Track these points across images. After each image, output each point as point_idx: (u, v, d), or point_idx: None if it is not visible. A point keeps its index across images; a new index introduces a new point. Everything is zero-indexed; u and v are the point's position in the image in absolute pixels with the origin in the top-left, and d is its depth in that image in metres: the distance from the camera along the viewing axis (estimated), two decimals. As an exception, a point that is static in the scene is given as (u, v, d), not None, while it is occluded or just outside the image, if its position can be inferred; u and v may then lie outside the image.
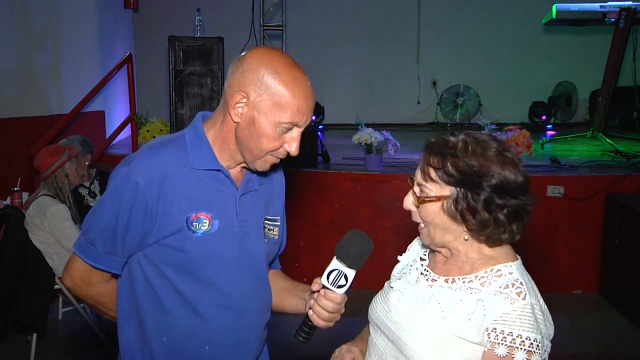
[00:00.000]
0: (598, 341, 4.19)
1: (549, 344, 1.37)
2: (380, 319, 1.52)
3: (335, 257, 1.47)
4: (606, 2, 6.48)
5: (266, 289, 1.70)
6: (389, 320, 1.49)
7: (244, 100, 1.48)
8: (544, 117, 8.04)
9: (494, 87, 8.45)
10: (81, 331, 4.22)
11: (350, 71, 8.55)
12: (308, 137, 5.27)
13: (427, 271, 1.51)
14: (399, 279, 1.56)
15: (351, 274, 1.46)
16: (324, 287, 1.48)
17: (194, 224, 1.52)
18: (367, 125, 5.14)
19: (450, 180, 1.37)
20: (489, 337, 1.34)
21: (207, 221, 1.53)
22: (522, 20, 8.36)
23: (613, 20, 6.45)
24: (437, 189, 1.39)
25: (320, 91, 8.25)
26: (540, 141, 6.37)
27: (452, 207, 1.38)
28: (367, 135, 4.99)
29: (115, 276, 1.63)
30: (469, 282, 1.41)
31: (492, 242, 1.42)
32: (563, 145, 6.49)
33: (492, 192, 1.36)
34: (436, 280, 1.47)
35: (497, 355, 1.32)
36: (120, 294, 1.62)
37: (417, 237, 1.66)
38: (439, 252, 1.49)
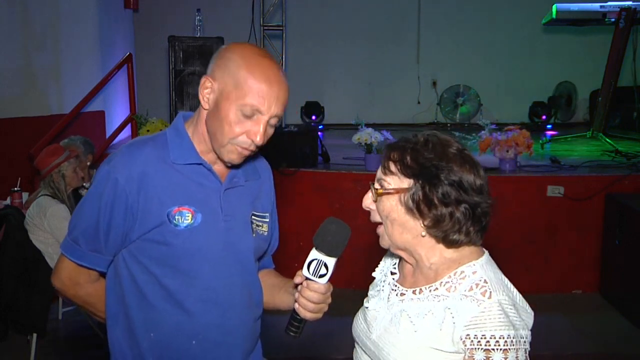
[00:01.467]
0: (598, 341, 4.18)
1: (528, 333, 1.34)
2: (361, 339, 1.52)
3: (314, 247, 1.47)
4: (606, 2, 6.48)
5: (255, 283, 1.70)
6: (369, 340, 1.49)
7: (209, 84, 1.51)
8: (544, 117, 8.04)
9: (494, 87, 8.44)
10: (81, 331, 4.22)
11: (350, 71, 8.54)
12: (308, 137, 5.26)
13: (396, 286, 1.50)
14: (373, 297, 1.55)
15: (331, 262, 1.46)
16: (306, 278, 1.47)
17: (177, 217, 1.53)
18: (367, 125, 5.14)
19: (408, 172, 1.38)
20: (465, 345, 1.31)
21: (190, 215, 1.54)
22: (522, 20, 8.36)
23: (613, 20, 6.45)
24: (396, 181, 1.39)
25: (320, 91, 8.26)
26: (540, 141, 6.37)
27: (410, 200, 1.37)
28: (367, 135, 4.99)
29: (103, 276, 1.64)
30: (434, 290, 1.40)
31: (449, 242, 1.39)
32: (563, 145, 6.49)
33: (450, 187, 1.35)
34: (405, 293, 1.46)
35: None
36: (108, 294, 1.62)
37: (388, 251, 1.66)
38: (405, 260, 1.48)
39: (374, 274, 1.64)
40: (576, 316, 4.54)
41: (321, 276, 1.46)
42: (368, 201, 1.46)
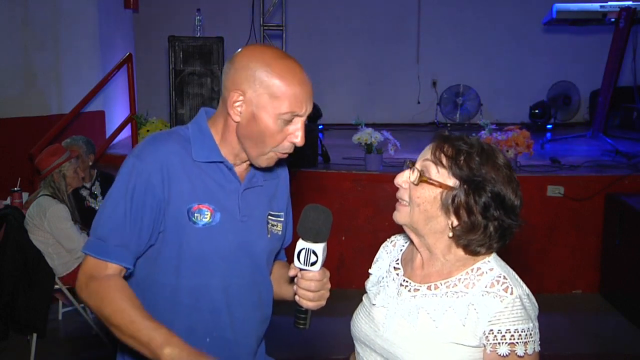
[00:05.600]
0: (598, 341, 4.19)
1: (537, 324, 1.39)
2: (369, 338, 1.51)
3: (300, 238, 1.47)
4: (606, 2, 6.48)
5: (265, 283, 1.71)
6: (379, 338, 1.48)
7: (241, 98, 1.49)
8: (544, 117, 8.04)
9: (494, 87, 8.44)
10: (81, 331, 4.22)
11: (350, 71, 8.54)
12: (308, 137, 5.25)
13: (407, 281, 1.50)
14: (378, 294, 1.54)
15: (318, 248, 1.46)
16: (300, 269, 1.48)
17: (196, 215, 1.53)
18: (367, 125, 5.14)
19: (458, 173, 1.38)
20: (488, 340, 1.35)
21: (209, 213, 1.54)
22: (522, 21, 8.36)
23: (613, 20, 6.44)
24: (443, 176, 1.39)
25: (320, 91, 8.22)
26: (540, 141, 6.37)
27: (449, 199, 1.38)
28: (367, 135, 4.99)
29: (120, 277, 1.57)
30: (453, 286, 1.41)
31: (469, 251, 1.41)
32: (563, 145, 6.49)
33: (492, 200, 1.37)
34: (418, 289, 1.46)
35: (500, 355, 1.34)
36: None
37: (382, 247, 1.67)
38: (417, 249, 1.48)
39: (371, 271, 1.63)
40: (576, 316, 4.54)
41: (312, 264, 1.46)
42: (403, 179, 1.44)
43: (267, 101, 1.47)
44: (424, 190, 1.40)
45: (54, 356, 3.91)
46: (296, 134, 1.51)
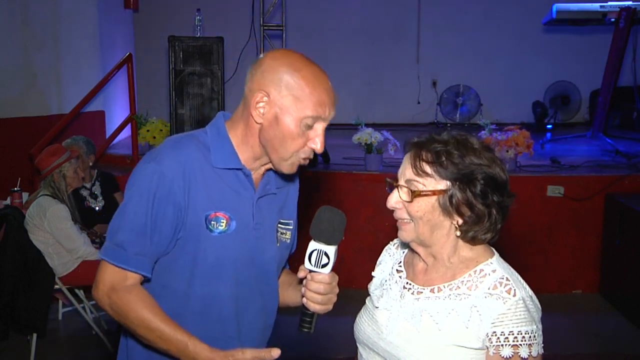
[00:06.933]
0: (598, 341, 4.19)
1: (541, 326, 1.39)
2: (372, 340, 1.50)
3: (312, 239, 1.46)
4: (606, 2, 6.47)
5: (272, 292, 1.69)
6: (382, 341, 1.48)
7: (265, 98, 1.48)
8: (544, 117, 8.04)
9: (494, 87, 8.43)
10: (81, 331, 4.22)
11: (350, 71, 8.53)
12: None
13: (410, 284, 1.49)
14: (382, 297, 1.54)
15: (331, 250, 1.45)
16: (309, 271, 1.47)
17: (212, 222, 1.51)
18: (367, 125, 5.14)
19: (446, 174, 1.38)
20: (491, 342, 1.35)
21: (225, 221, 1.53)
22: (522, 21, 8.36)
23: (613, 20, 6.44)
24: (432, 183, 1.39)
25: (320, 91, 8.23)
26: (540, 141, 6.36)
27: (447, 201, 1.38)
28: (367, 135, 5.00)
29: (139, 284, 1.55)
30: (456, 288, 1.41)
31: (477, 241, 1.42)
32: (563, 145, 6.48)
33: (486, 186, 1.37)
34: (421, 292, 1.46)
35: (503, 357, 1.34)
36: None
37: (385, 250, 1.66)
38: (420, 257, 1.48)
39: (374, 274, 1.63)
40: (576, 316, 4.54)
41: (323, 266, 1.45)
42: (394, 201, 1.44)
43: (291, 104, 1.46)
44: (420, 203, 1.40)
45: (54, 356, 3.91)
46: (315, 140, 1.50)
